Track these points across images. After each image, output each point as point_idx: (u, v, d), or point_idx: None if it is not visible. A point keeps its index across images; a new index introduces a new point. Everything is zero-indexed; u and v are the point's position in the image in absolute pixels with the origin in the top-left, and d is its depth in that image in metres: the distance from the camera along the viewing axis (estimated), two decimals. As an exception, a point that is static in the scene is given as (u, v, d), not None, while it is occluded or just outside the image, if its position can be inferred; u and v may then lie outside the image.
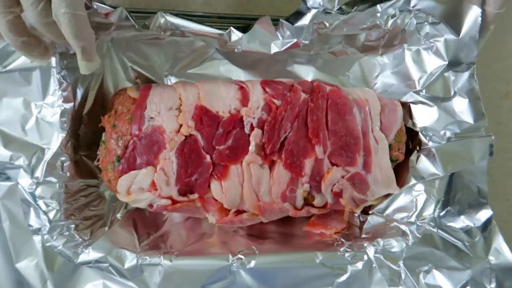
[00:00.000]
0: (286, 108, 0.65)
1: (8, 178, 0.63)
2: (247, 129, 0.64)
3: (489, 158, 0.64)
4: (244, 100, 0.66)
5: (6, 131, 0.63)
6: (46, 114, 0.63)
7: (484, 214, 0.64)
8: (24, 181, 0.62)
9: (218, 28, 0.63)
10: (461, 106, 0.65)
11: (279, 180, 0.64)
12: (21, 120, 0.63)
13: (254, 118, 0.64)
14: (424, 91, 0.67)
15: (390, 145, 0.68)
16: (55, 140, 0.63)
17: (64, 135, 0.63)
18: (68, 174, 0.65)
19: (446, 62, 0.65)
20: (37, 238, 0.62)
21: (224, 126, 0.64)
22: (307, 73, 0.74)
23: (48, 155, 0.62)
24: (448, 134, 0.65)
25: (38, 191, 0.62)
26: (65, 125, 0.63)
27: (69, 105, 0.64)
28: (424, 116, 0.68)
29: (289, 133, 0.64)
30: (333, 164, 0.65)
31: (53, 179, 0.63)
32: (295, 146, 0.64)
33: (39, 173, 0.62)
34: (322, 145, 0.64)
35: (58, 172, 0.63)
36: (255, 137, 0.63)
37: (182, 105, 0.65)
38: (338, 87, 0.70)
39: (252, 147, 0.63)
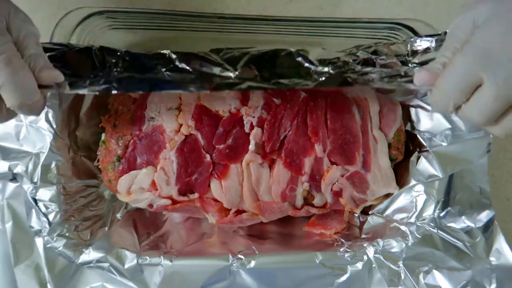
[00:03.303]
0: (285, 106, 0.65)
1: (14, 180, 0.63)
2: (247, 128, 0.64)
3: (488, 157, 0.64)
4: (244, 99, 0.66)
5: (4, 145, 0.63)
6: (34, 120, 0.63)
7: (486, 215, 0.64)
8: (26, 186, 0.62)
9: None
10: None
11: (279, 179, 0.64)
12: (15, 132, 0.63)
13: (254, 117, 0.64)
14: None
15: (389, 144, 0.68)
16: (48, 143, 0.63)
17: (52, 136, 0.63)
18: (66, 175, 0.65)
19: None
20: (39, 240, 0.62)
21: (224, 125, 0.64)
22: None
23: (42, 158, 0.63)
24: (446, 135, 0.65)
25: (37, 195, 0.62)
26: (52, 126, 0.63)
27: (52, 106, 0.64)
28: (423, 119, 0.68)
29: (288, 131, 0.64)
30: (332, 163, 0.65)
31: (50, 182, 0.63)
32: (295, 144, 0.64)
33: (36, 177, 0.62)
34: (322, 143, 0.64)
35: (54, 174, 0.64)
36: (255, 136, 0.63)
37: (182, 104, 0.65)
38: (337, 86, 0.70)
39: (252, 146, 0.63)
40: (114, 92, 0.53)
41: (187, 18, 0.73)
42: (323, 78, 0.58)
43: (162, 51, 0.60)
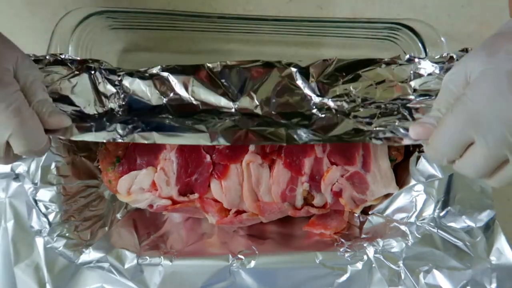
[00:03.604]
0: (285, 106, 0.64)
1: (17, 179, 0.63)
2: (247, 128, 0.64)
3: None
4: (244, 99, 0.65)
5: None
6: None
7: (487, 214, 0.63)
8: (27, 186, 0.63)
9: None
10: None
11: (278, 179, 0.64)
12: None
13: (254, 117, 0.64)
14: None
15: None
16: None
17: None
18: (66, 176, 0.65)
19: None
20: (39, 240, 0.62)
21: (224, 125, 0.64)
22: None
23: (42, 159, 0.63)
24: None
25: (37, 195, 0.62)
26: None
27: None
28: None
29: (289, 132, 0.64)
30: (332, 163, 0.65)
31: (50, 182, 0.63)
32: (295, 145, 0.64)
33: (37, 178, 0.63)
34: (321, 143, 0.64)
35: (54, 175, 0.64)
36: (255, 136, 0.63)
37: (183, 104, 0.65)
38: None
39: (252, 146, 0.63)
40: (120, 141, 0.56)
41: (187, 18, 0.73)
42: (323, 115, 0.59)
43: (161, 73, 0.60)
